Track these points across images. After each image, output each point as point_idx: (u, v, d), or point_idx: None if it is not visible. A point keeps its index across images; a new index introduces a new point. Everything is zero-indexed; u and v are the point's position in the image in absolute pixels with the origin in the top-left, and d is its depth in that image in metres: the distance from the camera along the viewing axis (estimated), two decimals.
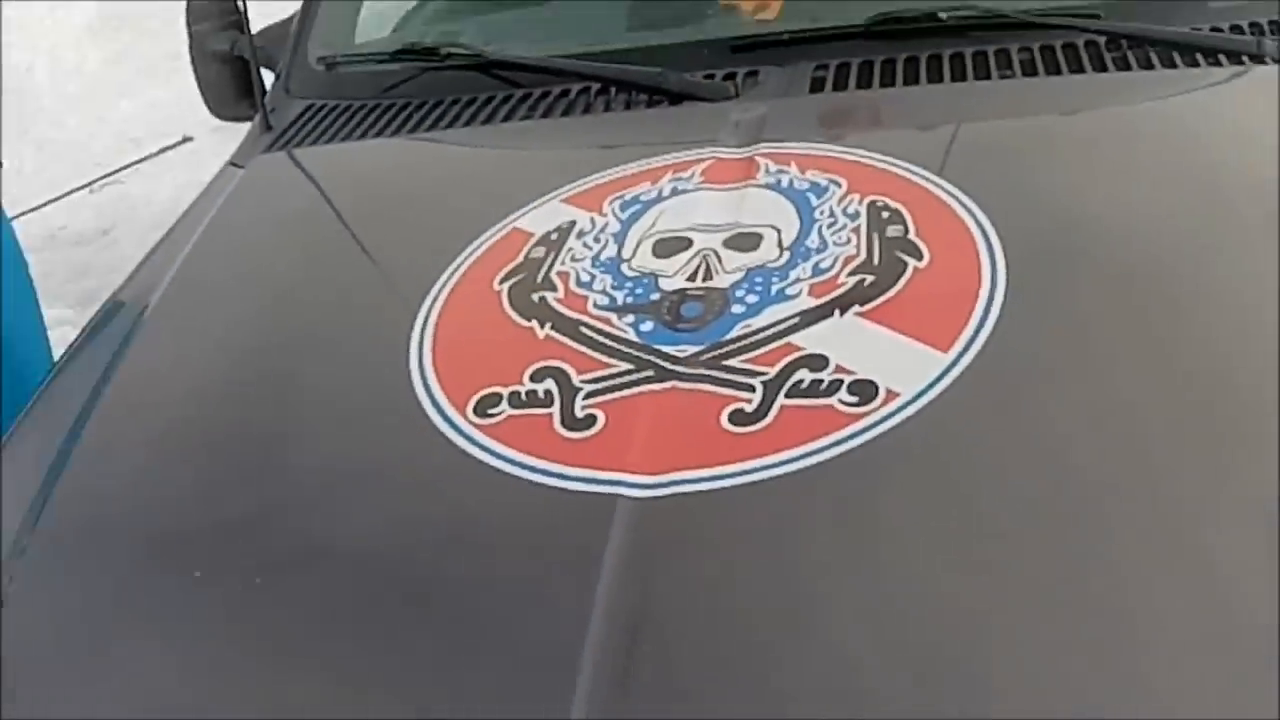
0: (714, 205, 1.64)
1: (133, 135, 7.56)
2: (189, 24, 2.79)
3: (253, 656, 1.37)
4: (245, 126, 2.65)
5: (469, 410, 1.45)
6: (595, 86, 2.08)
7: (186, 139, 7.21)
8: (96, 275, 4.92)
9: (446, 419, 1.46)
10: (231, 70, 2.67)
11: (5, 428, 1.93)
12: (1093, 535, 1.19)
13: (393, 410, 1.57)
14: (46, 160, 5.47)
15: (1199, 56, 1.89)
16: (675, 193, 1.68)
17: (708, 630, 1.21)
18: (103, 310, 2.08)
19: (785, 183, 1.65)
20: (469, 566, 1.41)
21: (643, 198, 1.69)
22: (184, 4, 2.89)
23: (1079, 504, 1.22)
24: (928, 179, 1.62)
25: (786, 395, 1.34)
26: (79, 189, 6.42)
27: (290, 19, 2.76)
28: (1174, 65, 1.87)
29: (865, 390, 1.31)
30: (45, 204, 5.27)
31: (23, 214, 4.76)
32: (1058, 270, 1.52)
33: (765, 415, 1.31)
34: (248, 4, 2.86)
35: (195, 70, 2.85)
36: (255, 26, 2.98)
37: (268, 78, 2.71)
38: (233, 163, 2.35)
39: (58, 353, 3.13)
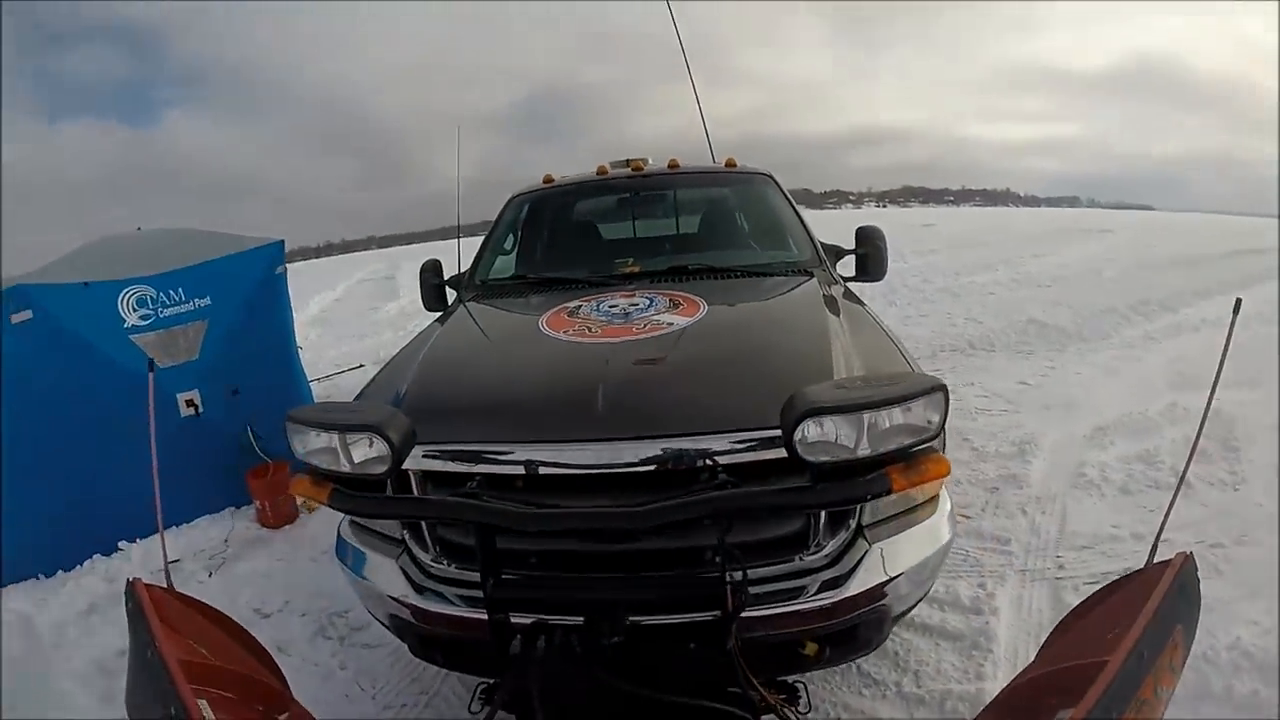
0: (623, 300, 3.39)
1: (344, 364, 10.09)
2: (421, 274, 4.49)
3: (487, 409, 2.73)
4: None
5: (560, 332, 3.05)
6: (584, 284, 3.88)
7: (361, 365, 9.84)
8: None
9: (555, 337, 3.03)
10: (435, 292, 4.44)
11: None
12: (755, 342, 3.03)
13: (536, 338, 3.10)
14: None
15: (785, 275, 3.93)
16: (613, 299, 3.43)
17: (639, 377, 2.69)
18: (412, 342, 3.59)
19: (644, 295, 3.42)
20: (566, 366, 2.84)
21: (601, 299, 3.42)
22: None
23: (750, 333, 3.19)
24: (689, 294, 3.39)
25: (651, 326, 3.01)
26: (315, 380, 8.06)
27: (462, 273, 4.53)
28: (777, 276, 3.93)
29: (673, 324, 3.01)
30: None
31: None
32: (724, 303, 3.39)
33: (646, 327, 3.00)
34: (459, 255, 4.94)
35: (421, 291, 4.50)
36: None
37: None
38: (437, 321, 3.87)
39: None
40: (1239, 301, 2.67)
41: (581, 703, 2.28)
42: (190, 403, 4.98)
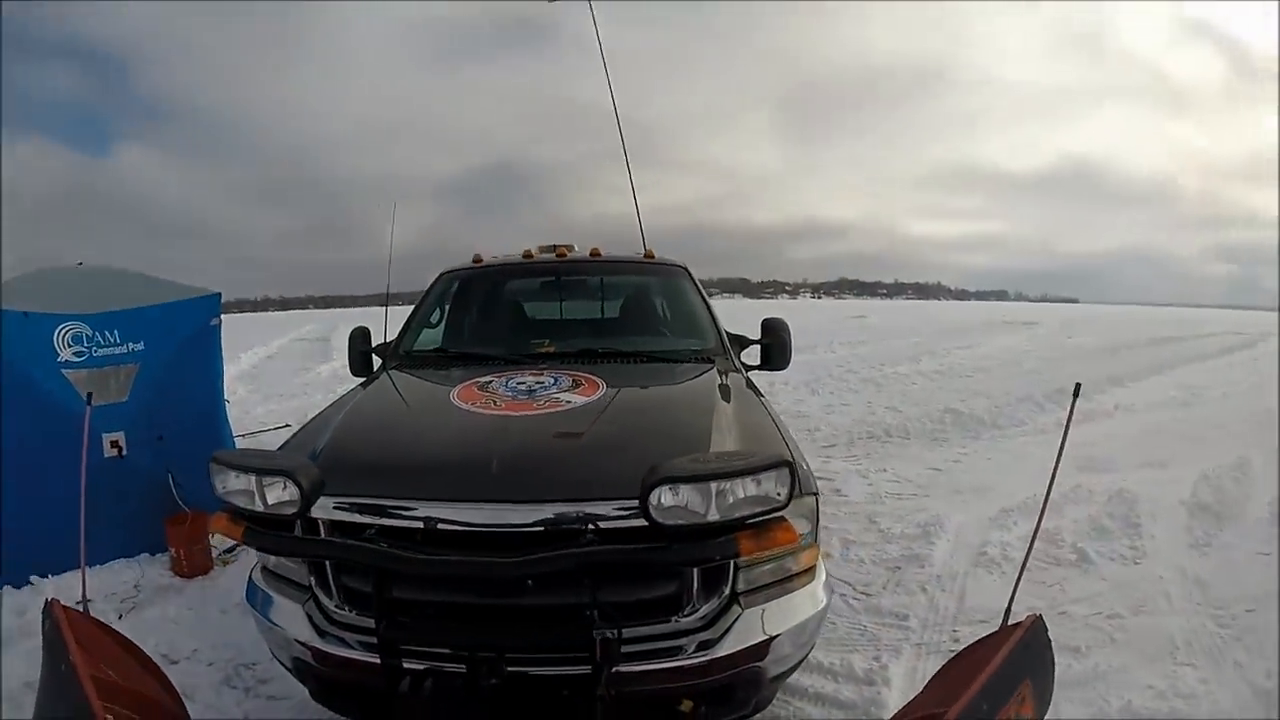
0: (531, 378, 3.57)
1: (270, 422, 9.92)
2: (351, 339, 4.68)
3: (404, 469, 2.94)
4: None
5: (469, 404, 3.25)
6: (500, 361, 4.12)
7: (287, 425, 9.42)
8: None
9: (464, 408, 3.23)
10: (362, 358, 4.62)
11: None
12: (642, 420, 3.30)
13: (446, 408, 3.32)
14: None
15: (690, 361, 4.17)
16: (521, 376, 3.60)
17: (531, 447, 2.89)
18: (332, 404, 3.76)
19: (551, 374, 3.61)
20: (468, 434, 3.06)
21: (512, 377, 3.59)
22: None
23: (639, 413, 3.42)
24: (592, 375, 3.59)
25: (551, 402, 3.24)
26: (241, 435, 7.98)
27: (388, 342, 4.65)
28: (679, 363, 4.17)
29: (570, 403, 3.24)
30: None
31: None
32: (625, 387, 3.56)
33: (545, 403, 3.23)
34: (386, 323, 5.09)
35: (349, 356, 4.69)
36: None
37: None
38: (361, 385, 4.05)
39: None
40: (1078, 386, 3.10)
41: None
42: (115, 444, 5.01)
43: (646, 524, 2.40)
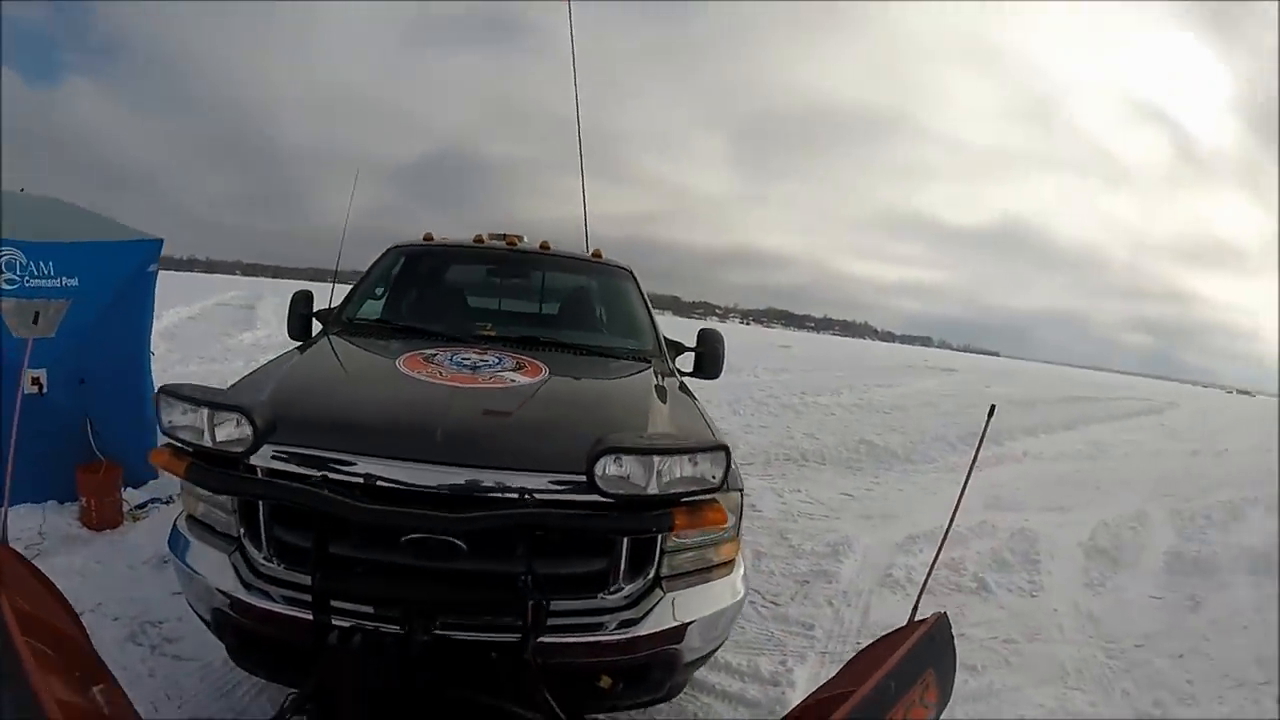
0: (475, 355, 3.63)
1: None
2: (292, 302, 4.64)
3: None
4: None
5: (415, 373, 3.28)
6: (443, 338, 4.10)
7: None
8: None
9: (410, 375, 3.27)
10: (302, 322, 4.58)
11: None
12: (581, 405, 3.47)
13: (392, 373, 3.37)
14: None
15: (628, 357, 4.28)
16: (466, 353, 3.66)
17: (476, 417, 2.99)
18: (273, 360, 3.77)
19: (494, 354, 3.67)
20: (414, 398, 3.10)
21: (456, 352, 3.64)
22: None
23: (579, 398, 3.58)
24: (535, 360, 3.66)
25: (495, 379, 3.32)
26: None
27: (330, 307, 4.63)
28: (618, 359, 4.24)
29: (514, 381, 3.32)
30: None
31: None
32: (564, 373, 3.65)
33: (490, 379, 3.31)
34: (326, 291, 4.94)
35: (289, 318, 4.63)
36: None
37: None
38: (299, 350, 4.01)
39: None
40: (993, 407, 3.30)
41: (389, 702, 2.50)
42: (36, 381, 4.81)
43: (583, 499, 2.53)
